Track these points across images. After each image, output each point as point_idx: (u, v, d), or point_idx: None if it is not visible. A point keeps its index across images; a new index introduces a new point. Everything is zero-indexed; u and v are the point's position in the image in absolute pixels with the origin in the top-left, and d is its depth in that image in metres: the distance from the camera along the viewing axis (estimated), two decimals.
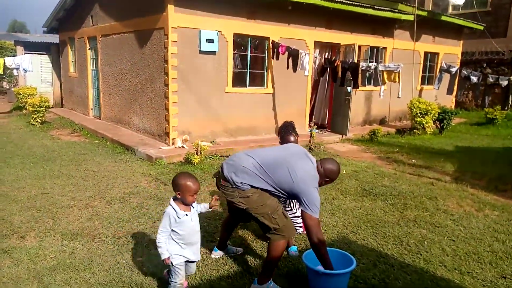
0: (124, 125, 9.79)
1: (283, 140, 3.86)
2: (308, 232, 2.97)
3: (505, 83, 10.20)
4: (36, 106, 10.43)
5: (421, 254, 3.79)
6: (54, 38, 14.61)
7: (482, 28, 13.83)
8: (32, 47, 14.45)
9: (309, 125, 10.02)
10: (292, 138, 3.81)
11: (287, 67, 8.89)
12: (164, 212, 2.90)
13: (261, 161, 3.00)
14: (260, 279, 3.06)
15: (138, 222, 4.42)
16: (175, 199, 2.92)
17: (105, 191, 5.42)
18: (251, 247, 3.87)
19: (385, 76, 9.46)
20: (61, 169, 6.47)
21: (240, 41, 8.82)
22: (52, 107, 13.81)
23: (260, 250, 3.80)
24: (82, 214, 4.60)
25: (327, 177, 3.15)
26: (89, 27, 11.09)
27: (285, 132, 3.95)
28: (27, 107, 10.77)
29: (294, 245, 3.82)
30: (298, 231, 3.65)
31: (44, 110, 10.67)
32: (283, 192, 3.00)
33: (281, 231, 3.03)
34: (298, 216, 3.63)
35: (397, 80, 9.43)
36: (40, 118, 10.64)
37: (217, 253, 3.63)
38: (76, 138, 9.25)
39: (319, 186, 3.08)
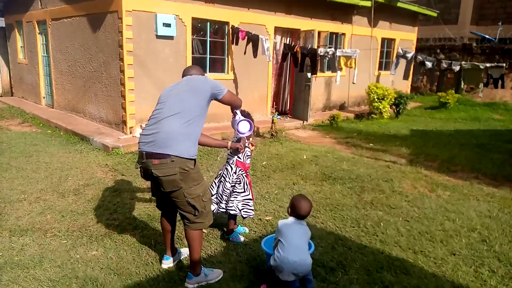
0: (79, 113, 9.37)
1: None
2: (235, 104, 3.28)
3: (457, 68, 10.61)
4: None
5: (377, 236, 3.90)
6: (0, 22, 13.66)
7: (435, 14, 14.30)
8: None
9: (271, 111, 10.04)
10: None
11: (244, 53, 8.79)
12: None
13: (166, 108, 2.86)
14: (194, 271, 3.00)
15: (94, 214, 4.26)
16: None
17: (58, 184, 5.18)
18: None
19: (342, 61, 9.58)
20: (10, 161, 6.10)
21: (199, 25, 8.62)
22: (1, 96, 13.02)
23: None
24: (32, 209, 4.37)
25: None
26: (38, 10, 10.44)
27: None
28: None
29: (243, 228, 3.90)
30: (250, 214, 3.67)
31: None
32: (201, 110, 2.92)
33: (204, 217, 2.96)
34: (250, 199, 3.65)
35: (353, 65, 9.59)
36: None
37: (168, 262, 3.28)
38: (27, 128, 8.76)
39: None
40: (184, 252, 3.38)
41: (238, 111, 3.46)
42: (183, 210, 2.93)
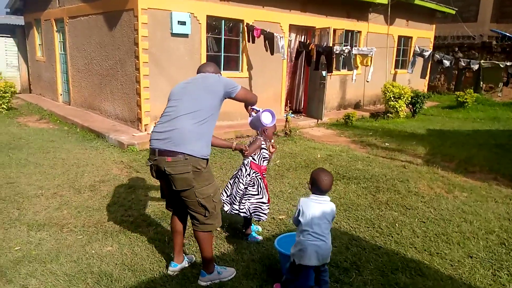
0: (95, 110, 9.50)
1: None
2: (251, 101, 3.23)
3: (476, 67, 10.40)
4: (1, 92, 9.97)
5: (392, 236, 3.85)
6: (20, 20, 13.89)
7: (454, 12, 14.03)
8: None
9: (285, 110, 10.01)
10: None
11: (266, 50, 8.76)
12: None
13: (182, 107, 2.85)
14: (207, 269, 2.99)
15: (109, 211, 4.31)
16: None
17: (75, 180, 5.26)
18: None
19: (358, 60, 9.49)
20: (28, 157, 6.22)
21: (213, 23, 8.63)
22: (20, 93, 13.27)
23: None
24: (49, 204, 4.44)
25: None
26: (56, 9, 10.60)
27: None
28: None
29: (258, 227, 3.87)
30: (261, 218, 3.60)
31: (9, 96, 10.22)
32: (215, 104, 2.91)
33: (213, 218, 2.93)
34: (264, 203, 3.57)
35: (369, 64, 9.48)
36: (6, 105, 10.18)
37: (176, 268, 3.15)
38: (45, 125, 8.92)
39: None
40: (190, 259, 3.30)
41: (255, 107, 3.41)
42: (193, 210, 2.89)
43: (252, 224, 3.86)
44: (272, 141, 3.68)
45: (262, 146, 3.55)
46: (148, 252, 3.45)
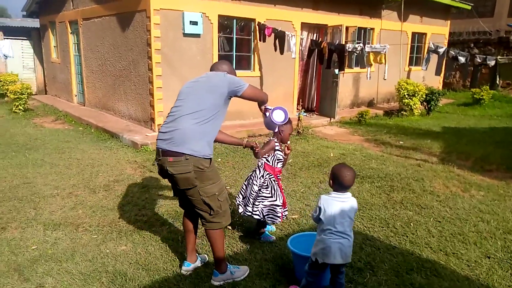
0: (109, 111, 9.61)
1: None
2: (260, 100, 3.14)
3: (492, 63, 10.21)
4: (18, 94, 10.17)
5: (407, 236, 3.80)
6: (35, 23, 14.16)
7: (469, 7, 13.78)
8: (12, 32, 13.99)
9: (297, 109, 9.97)
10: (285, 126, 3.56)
11: (275, 50, 8.76)
12: None
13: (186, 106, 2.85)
14: (220, 268, 2.98)
15: (123, 210, 4.35)
16: None
17: (89, 179, 5.32)
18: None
19: (371, 57, 9.39)
20: (44, 157, 6.33)
21: (225, 23, 8.64)
22: (36, 94, 13.51)
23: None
24: (65, 203, 4.51)
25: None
26: (70, 11, 10.76)
27: None
28: (9, 95, 10.48)
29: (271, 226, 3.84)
30: (275, 221, 3.56)
31: (26, 97, 10.41)
32: (222, 102, 2.89)
33: (220, 217, 2.92)
34: (277, 205, 3.52)
35: (383, 61, 9.37)
36: (23, 106, 10.38)
37: (189, 268, 3.16)
38: (60, 126, 9.06)
39: None
40: (203, 259, 3.32)
41: (268, 106, 3.34)
42: (199, 208, 2.92)
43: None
44: (288, 142, 3.62)
45: (276, 147, 3.52)
46: (162, 252, 3.47)
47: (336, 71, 9.41)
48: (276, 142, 3.51)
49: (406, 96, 10.44)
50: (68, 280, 3.03)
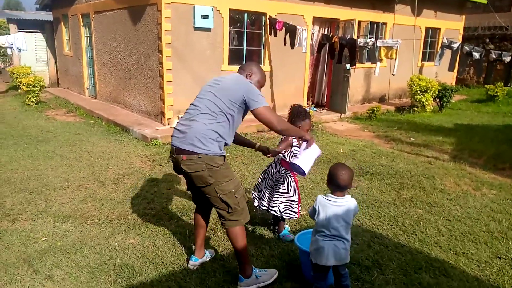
0: (120, 104, 9.67)
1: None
2: (271, 125, 2.81)
3: (508, 59, 10.01)
4: (31, 86, 10.29)
5: (416, 235, 3.75)
6: (48, 16, 14.28)
7: (485, 2, 13.49)
8: (25, 25, 14.14)
9: (307, 104, 9.91)
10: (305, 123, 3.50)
11: (285, 44, 8.70)
12: None
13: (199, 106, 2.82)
14: (244, 273, 2.90)
15: (132, 203, 4.38)
16: None
17: (99, 172, 5.37)
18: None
19: (383, 52, 9.26)
20: (55, 150, 6.40)
21: (236, 17, 8.60)
22: (48, 87, 13.65)
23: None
24: (75, 196, 4.56)
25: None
26: (82, 4, 10.81)
27: (298, 117, 3.54)
28: (22, 87, 10.61)
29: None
30: (291, 216, 3.53)
31: (38, 90, 10.53)
32: (232, 111, 2.81)
33: (238, 214, 2.87)
34: (293, 201, 3.51)
35: (394, 56, 9.24)
36: (35, 98, 10.50)
37: (196, 263, 3.17)
38: (72, 118, 9.15)
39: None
40: (211, 254, 3.32)
41: (303, 143, 3.11)
42: (217, 207, 2.89)
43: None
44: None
45: (294, 144, 3.49)
46: (169, 246, 3.49)
47: (348, 66, 9.31)
48: (293, 138, 3.49)
49: (418, 92, 10.30)
50: (76, 272, 3.07)
